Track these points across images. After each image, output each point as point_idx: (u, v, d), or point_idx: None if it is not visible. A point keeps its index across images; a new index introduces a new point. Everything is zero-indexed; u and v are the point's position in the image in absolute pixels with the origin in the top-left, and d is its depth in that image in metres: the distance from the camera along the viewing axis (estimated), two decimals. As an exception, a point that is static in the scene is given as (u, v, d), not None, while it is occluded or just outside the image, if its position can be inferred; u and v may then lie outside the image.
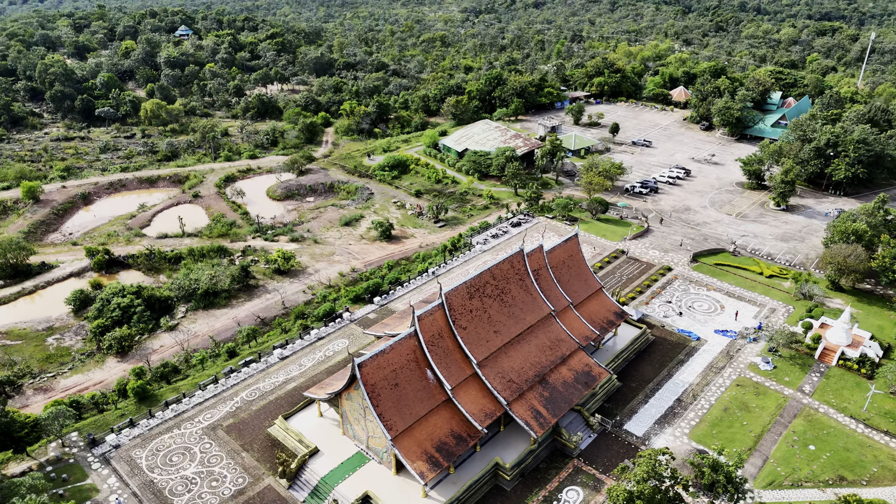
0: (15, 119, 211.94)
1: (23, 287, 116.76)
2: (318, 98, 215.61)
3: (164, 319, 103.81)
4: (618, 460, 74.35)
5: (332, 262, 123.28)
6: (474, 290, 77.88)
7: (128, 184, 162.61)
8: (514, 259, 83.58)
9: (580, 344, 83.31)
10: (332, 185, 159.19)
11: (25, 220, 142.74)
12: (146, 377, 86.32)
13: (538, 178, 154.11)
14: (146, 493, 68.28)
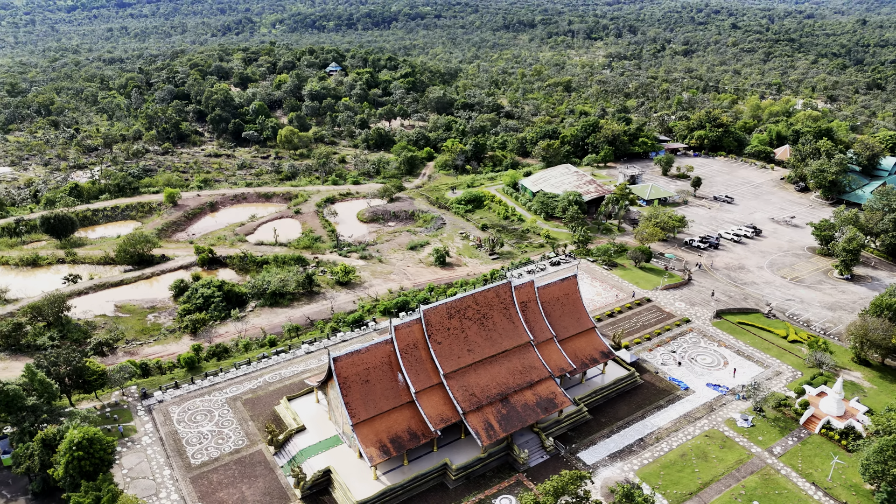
0: (182, 136, 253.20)
1: (143, 272, 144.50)
2: (428, 134, 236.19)
3: (234, 311, 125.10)
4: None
5: (388, 280, 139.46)
6: (455, 311, 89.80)
7: (248, 197, 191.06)
8: (501, 289, 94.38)
9: (551, 373, 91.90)
10: (413, 213, 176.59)
11: (162, 219, 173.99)
12: (201, 353, 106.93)
13: (601, 223, 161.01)
14: (169, 439, 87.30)
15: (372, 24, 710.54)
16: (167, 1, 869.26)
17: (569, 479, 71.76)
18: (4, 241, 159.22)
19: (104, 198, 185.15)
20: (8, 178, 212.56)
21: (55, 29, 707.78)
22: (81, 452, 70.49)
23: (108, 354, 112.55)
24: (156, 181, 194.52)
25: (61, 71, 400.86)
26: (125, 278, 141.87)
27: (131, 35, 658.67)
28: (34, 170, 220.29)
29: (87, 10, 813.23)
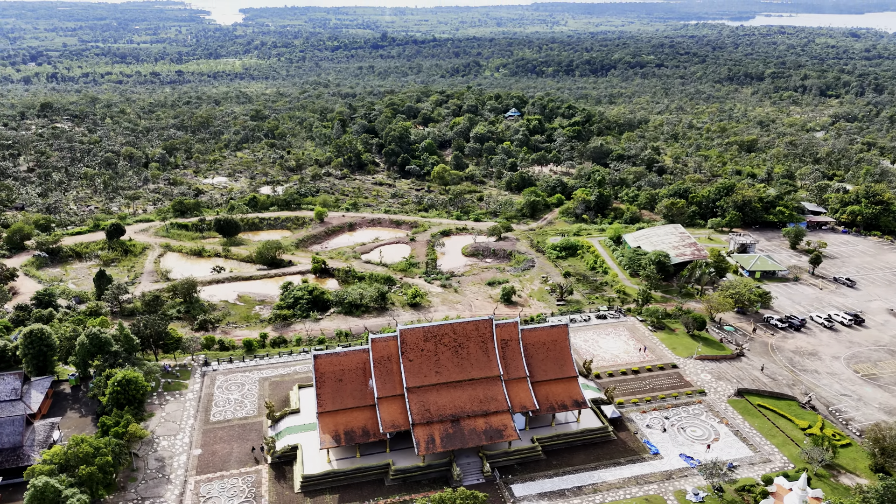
0: (361, 164, 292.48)
1: (269, 272, 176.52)
2: (566, 181, 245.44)
3: (314, 313, 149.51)
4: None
5: (452, 308, 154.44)
6: (431, 336, 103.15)
7: (382, 222, 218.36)
8: (481, 324, 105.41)
9: (510, 408, 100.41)
10: (511, 253, 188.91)
11: (306, 232, 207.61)
12: (266, 340, 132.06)
13: (683, 287, 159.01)
14: (205, 399, 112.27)
15: (589, 71, 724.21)
16: (412, 44, 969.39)
17: (458, 497, 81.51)
18: (189, 235, 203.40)
19: (273, 209, 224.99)
20: (220, 186, 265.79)
21: (318, 65, 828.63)
22: (119, 388, 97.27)
23: (210, 330, 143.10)
24: (315, 200, 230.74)
25: (302, 101, 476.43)
26: (254, 275, 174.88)
27: (375, 73, 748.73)
28: (241, 181, 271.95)
29: (347, 51, 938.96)
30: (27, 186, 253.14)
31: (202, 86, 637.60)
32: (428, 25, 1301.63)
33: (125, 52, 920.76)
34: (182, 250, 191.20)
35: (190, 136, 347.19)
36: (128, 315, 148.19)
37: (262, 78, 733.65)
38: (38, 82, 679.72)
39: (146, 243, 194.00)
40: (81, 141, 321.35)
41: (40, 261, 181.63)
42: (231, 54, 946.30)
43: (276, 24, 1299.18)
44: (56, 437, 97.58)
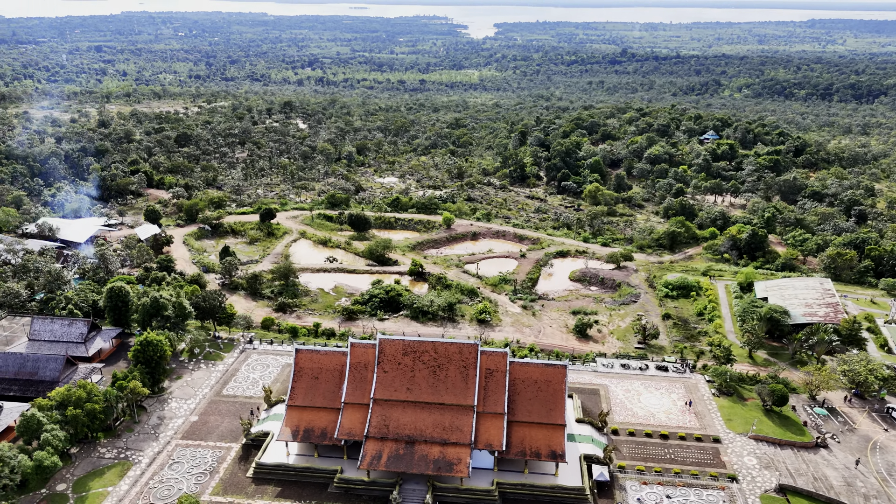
0: (523, 177, 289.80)
1: (371, 269, 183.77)
2: (730, 215, 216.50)
3: (381, 312, 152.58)
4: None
5: (518, 330, 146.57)
6: (410, 351, 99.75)
7: (506, 235, 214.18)
8: (466, 348, 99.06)
9: (472, 442, 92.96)
10: (619, 284, 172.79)
11: (429, 235, 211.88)
12: (319, 329, 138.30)
13: (797, 351, 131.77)
14: (229, 372, 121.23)
15: (851, 97, 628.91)
16: (652, 60, 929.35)
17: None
18: (329, 226, 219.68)
19: (411, 211, 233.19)
20: (387, 186, 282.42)
21: (550, 79, 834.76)
22: (139, 348, 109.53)
23: (286, 312, 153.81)
24: (450, 207, 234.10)
25: (508, 112, 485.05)
26: (358, 269, 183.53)
27: (604, 89, 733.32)
28: (408, 183, 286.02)
29: (583, 65, 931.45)
30: (232, 171, 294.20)
31: (436, 94, 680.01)
32: (678, 42, 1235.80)
33: (383, 61, 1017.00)
34: (312, 238, 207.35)
35: (385, 138, 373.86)
36: (234, 288, 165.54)
37: (494, 89, 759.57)
38: (308, 84, 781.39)
39: (288, 228, 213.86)
40: (294, 136, 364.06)
41: (202, 233, 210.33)
42: (473, 66, 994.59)
43: (523, 38, 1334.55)
44: (94, 379, 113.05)
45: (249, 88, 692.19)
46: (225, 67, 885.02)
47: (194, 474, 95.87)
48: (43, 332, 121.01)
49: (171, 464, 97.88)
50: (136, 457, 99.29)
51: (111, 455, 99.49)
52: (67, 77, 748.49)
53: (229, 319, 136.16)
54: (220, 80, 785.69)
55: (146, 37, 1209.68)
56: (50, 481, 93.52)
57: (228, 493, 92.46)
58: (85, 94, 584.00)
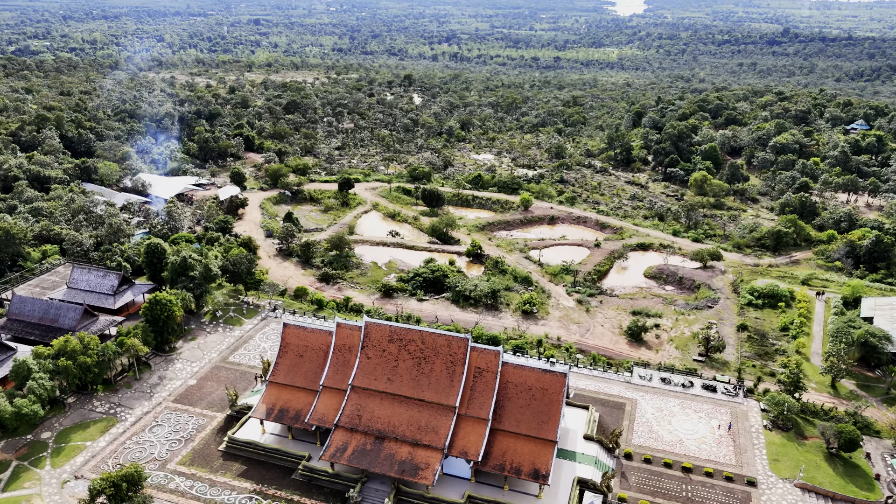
0: (628, 160, 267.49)
1: (429, 246, 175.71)
2: (857, 218, 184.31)
3: (420, 293, 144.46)
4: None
5: (564, 327, 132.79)
6: (397, 338, 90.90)
7: (587, 221, 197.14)
8: (455, 342, 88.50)
9: (444, 448, 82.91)
10: (699, 286, 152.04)
11: (503, 216, 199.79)
12: (350, 304, 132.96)
13: (893, 386, 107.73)
14: (241, 339, 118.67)
15: None
16: (818, 41, 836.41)
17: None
18: (405, 200, 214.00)
19: (491, 190, 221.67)
20: (482, 163, 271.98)
21: (696, 59, 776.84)
22: (148, 305, 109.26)
23: (328, 283, 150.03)
24: (532, 188, 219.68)
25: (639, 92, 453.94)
26: (416, 245, 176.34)
27: (755, 71, 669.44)
28: (503, 161, 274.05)
29: (735, 45, 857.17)
30: (332, 140, 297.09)
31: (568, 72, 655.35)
32: (853, 22, 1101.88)
33: (520, 37, 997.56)
34: (383, 211, 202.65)
35: (494, 114, 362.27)
36: (288, 254, 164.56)
37: (632, 68, 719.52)
38: (441, 60, 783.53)
39: (363, 199, 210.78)
40: (402, 108, 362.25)
41: (282, 198, 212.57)
42: (613, 44, 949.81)
43: (674, 15, 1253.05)
44: (112, 331, 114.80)
45: (384, 62, 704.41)
46: (366, 42, 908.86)
47: (171, 440, 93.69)
48: (80, 282, 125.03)
49: (154, 426, 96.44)
50: (124, 414, 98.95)
51: (102, 409, 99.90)
52: (226, 48, 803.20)
53: (257, 285, 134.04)
54: (360, 54, 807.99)
55: (301, 11, 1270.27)
56: (39, 427, 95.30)
57: (194, 465, 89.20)
58: (232, 63, 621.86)
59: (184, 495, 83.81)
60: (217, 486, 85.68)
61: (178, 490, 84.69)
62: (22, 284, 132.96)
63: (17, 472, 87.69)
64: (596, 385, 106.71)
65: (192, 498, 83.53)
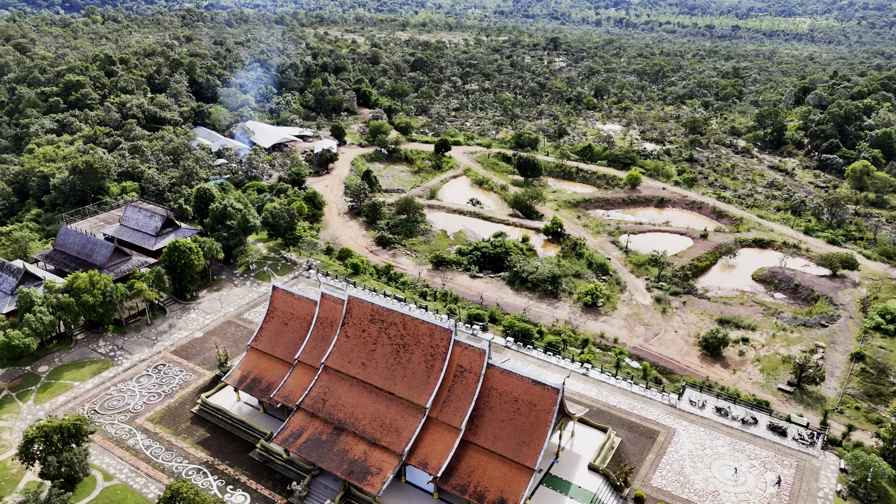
0: (780, 141, 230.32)
1: (508, 219, 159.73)
2: None
3: (474, 268, 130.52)
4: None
5: (629, 326, 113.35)
6: (378, 319, 78.91)
7: (702, 207, 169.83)
8: (438, 332, 74.76)
9: (402, 455, 70.28)
10: (817, 298, 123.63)
11: (605, 194, 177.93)
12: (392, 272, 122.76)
13: None
14: (264, 296, 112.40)
15: None
16: None
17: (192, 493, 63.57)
18: (503, 167, 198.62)
19: (600, 163, 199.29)
20: (605, 133, 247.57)
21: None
22: (167, 250, 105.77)
23: (385, 247, 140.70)
24: (646, 164, 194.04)
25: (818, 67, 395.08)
26: (494, 216, 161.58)
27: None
28: (630, 133, 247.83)
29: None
30: (450, 100, 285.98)
31: (745, 43, 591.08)
32: None
33: (696, 4, 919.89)
34: (473, 177, 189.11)
35: (637, 83, 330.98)
36: (358, 213, 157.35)
37: (824, 41, 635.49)
38: (605, 25, 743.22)
39: (457, 163, 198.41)
40: (532, 71, 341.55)
41: (377, 155, 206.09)
42: (806, 13, 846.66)
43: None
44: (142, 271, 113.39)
45: (541, 26, 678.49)
46: (529, 4, 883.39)
47: (151, 393, 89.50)
48: (130, 220, 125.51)
49: (142, 376, 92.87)
50: (121, 358, 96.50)
51: (103, 350, 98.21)
52: (392, 7, 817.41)
53: (296, 241, 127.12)
54: (521, 17, 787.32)
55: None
56: (40, 360, 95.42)
57: (161, 423, 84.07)
58: (388, 21, 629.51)
59: (136, 455, 78.78)
60: (173, 450, 79.80)
61: (133, 448, 79.87)
62: (90, 218, 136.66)
63: (3, 401, 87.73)
64: (630, 403, 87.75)
65: (143, 459, 78.29)
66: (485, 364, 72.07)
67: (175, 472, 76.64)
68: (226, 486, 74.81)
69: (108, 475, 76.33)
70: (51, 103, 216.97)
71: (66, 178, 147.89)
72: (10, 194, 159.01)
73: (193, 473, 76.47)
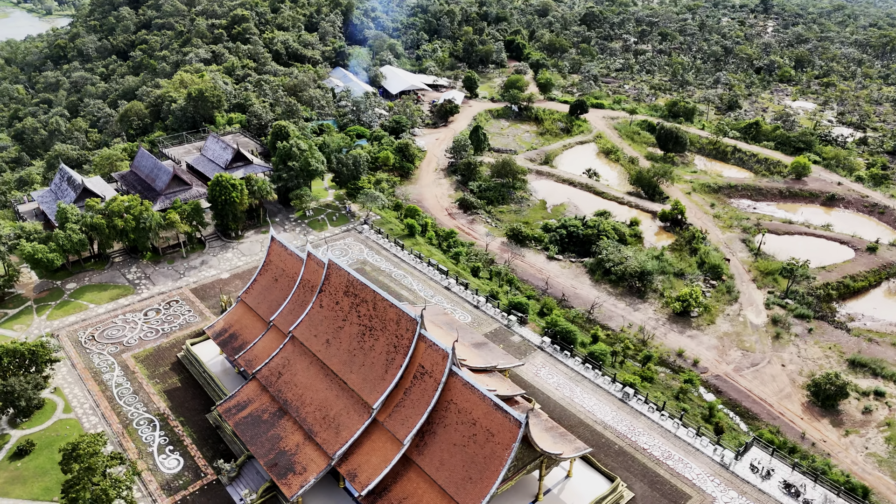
0: None
1: (624, 198, 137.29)
2: None
3: (553, 248, 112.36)
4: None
5: (720, 348, 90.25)
6: (352, 294, 66.43)
7: (885, 212, 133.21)
8: (405, 320, 60.51)
9: (333, 458, 57.99)
10: None
11: (760, 182, 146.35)
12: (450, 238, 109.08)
13: None
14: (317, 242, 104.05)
15: None
16: None
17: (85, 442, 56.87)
18: (642, 137, 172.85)
19: (764, 144, 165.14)
20: (793, 110, 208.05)
21: None
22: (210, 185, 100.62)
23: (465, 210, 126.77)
24: (825, 151, 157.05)
25: None
26: (606, 192, 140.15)
27: None
28: (822, 113, 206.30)
29: None
30: (615, 58, 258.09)
31: None
32: None
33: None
34: (602, 146, 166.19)
35: (853, 54, 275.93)
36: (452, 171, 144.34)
37: None
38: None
39: (589, 128, 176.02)
40: (725, 35, 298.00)
41: (505, 112, 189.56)
42: None
43: None
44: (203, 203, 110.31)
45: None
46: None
47: (151, 329, 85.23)
48: (208, 150, 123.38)
49: (152, 309, 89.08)
50: (143, 288, 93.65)
51: (131, 277, 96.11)
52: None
53: (357, 191, 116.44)
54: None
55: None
56: (74, 276, 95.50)
57: (143, 363, 79.25)
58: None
59: (104, 392, 74.48)
60: (139, 394, 74.49)
61: (105, 383, 75.76)
62: (186, 144, 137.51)
63: (23, 312, 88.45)
64: (666, 449, 66.96)
65: (107, 398, 73.82)
66: (447, 370, 56.66)
67: (129, 418, 71.18)
68: (167, 445, 67.82)
69: (68, 407, 72.82)
70: (216, 35, 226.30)
71: (182, 104, 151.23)
72: (146, 115, 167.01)
73: (144, 424, 70.45)
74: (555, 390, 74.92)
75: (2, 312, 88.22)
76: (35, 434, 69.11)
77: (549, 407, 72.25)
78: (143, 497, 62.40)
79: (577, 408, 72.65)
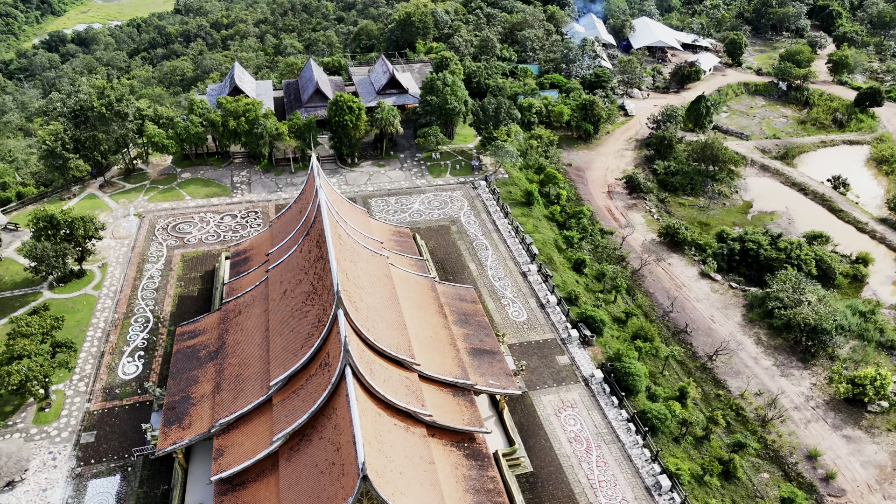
0: None
1: (877, 226, 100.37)
2: None
3: (713, 265, 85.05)
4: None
5: (889, 461, 59.46)
6: (323, 244, 54.20)
7: None
8: (330, 293, 46.94)
9: (215, 424, 48.32)
10: None
11: None
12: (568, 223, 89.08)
13: None
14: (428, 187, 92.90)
15: None
16: None
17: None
18: None
19: None
20: None
21: None
22: (331, 103, 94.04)
23: (631, 192, 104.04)
24: None
25: None
26: (844, 211, 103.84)
27: None
28: None
29: None
30: None
31: None
32: None
33: None
34: (876, 151, 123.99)
35: None
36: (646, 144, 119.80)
37: None
38: None
39: (873, 126, 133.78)
40: None
41: (767, 88, 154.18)
42: None
43: None
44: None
45: None
46: None
47: (216, 233, 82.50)
48: (374, 72, 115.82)
49: (230, 215, 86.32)
50: (238, 192, 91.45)
51: (237, 180, 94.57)
52: None
53: (488, 141, 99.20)
54: None
55: None
56: (196, 168, 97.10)
57: (184, 264, 76.85)
58: None
59: (134, 280, 73.96)
60: (158, 292, 72.37)
61: (142, 271, 75.29)
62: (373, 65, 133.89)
63: (135, 189, 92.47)
64: None
65: (132, 287, 73.06)
66: (339, 368, 42.03)
67: (133, 312, 69.55)
68: (140, 349, 64.59)
69: (99, 285, 73.74)
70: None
71: (392, 28, 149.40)
72: (375, 35, 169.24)
73: (140, 322, 68.17)
74: (565, 443, 54.73)
75: (121, 185, 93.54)
76: (57, 300, 70.97)
77: (543, 466, 52.82)
78: (84, 392, 59.90)
79: (579, 478, 52.04)
